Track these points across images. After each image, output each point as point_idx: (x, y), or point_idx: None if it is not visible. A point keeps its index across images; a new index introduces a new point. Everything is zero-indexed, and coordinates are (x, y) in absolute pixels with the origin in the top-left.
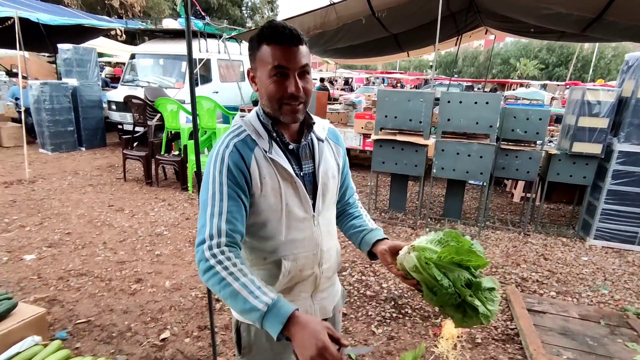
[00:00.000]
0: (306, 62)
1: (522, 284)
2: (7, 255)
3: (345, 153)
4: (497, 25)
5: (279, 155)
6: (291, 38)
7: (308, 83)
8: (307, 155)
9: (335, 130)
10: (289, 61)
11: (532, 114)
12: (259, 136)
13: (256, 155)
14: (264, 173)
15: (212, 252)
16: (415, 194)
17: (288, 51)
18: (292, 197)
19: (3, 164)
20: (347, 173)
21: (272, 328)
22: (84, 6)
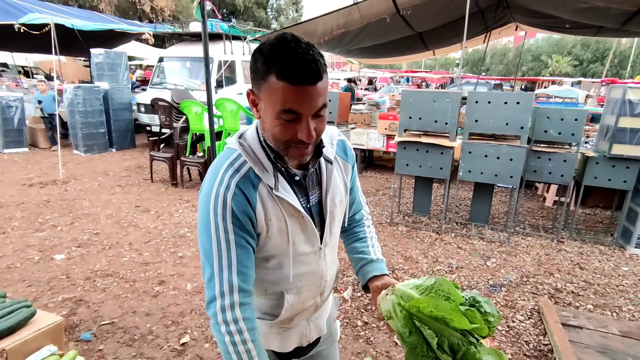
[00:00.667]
0: (324, 102)
1: (556, 295)
2: (39, 255)
3: (354, 164)
4: (528, 21)
5: (286, 190)
6: (310, 75)
7: (322, 122)
8: (313, 184)
9: (344, 141)
10: (303, 106)
11: (567, 114)
12: (262, 169)
13: (261, 193)
14: (270, 214)
15: (225, 318)
16: (440, 197)
17: (304, 93)
18: (299, 234)
19: (39, 164)
20: (355, 187)
21: None
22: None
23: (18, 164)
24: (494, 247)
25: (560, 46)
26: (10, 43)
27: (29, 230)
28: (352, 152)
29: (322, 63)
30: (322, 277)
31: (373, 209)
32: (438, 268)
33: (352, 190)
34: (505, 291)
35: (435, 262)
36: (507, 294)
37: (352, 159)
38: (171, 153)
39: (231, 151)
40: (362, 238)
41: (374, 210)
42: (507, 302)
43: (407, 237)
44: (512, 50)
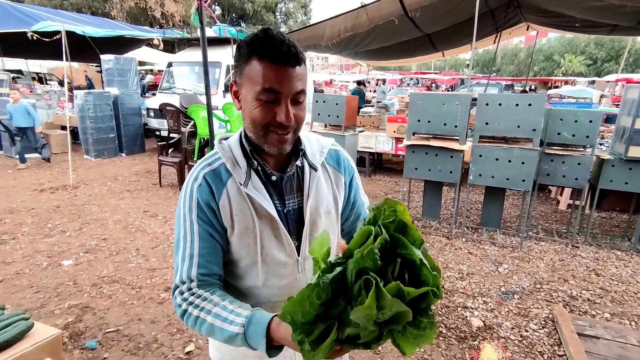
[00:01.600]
0: (302, 87)
1: (571, 303)
2: (48, 261)
3: (354, 178)
4: (540, 21)
5: (257, 189)
6: (289, 56)
7: (302, 110)
8: (292, 188)
9: (338, 151)
10: (283, 85)
11: (581, 116)
12: (234, 165)
13: (229, 188)
14: (236, 210)
15: (184, 297)
16: (451, 201)
17: (283, 72)
18: (271, 238)
19: (51, 169)
20: (358, 203)
21: (258, 345)
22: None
23: (30, 170)
24: (506, 252)
25: (573, 45)
26: (24, 50)
27: (39, 236)
28: (349, 164)
29: (302, 52)
30: None
31: None
32: (448, 274)
33: (356, 204)
34: (518, 299)
35: (445, 267)
36: (520, 301)
37: (348, 171)
38: (179, 158)
39: (213, 150)
40: None
41: None
42: (520, 310)
43: None
44: (524, 50)
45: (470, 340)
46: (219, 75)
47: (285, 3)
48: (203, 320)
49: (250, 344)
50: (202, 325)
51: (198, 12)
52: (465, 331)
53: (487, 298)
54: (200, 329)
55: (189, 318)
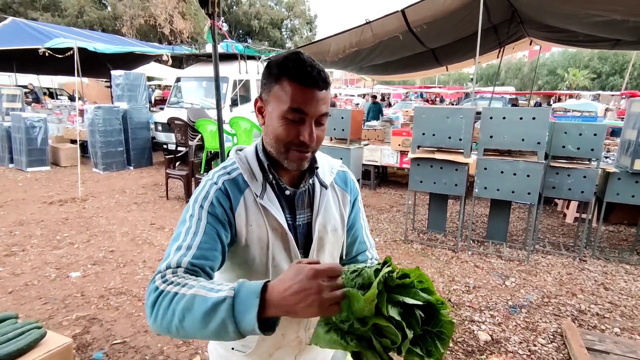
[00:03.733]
0: (327, 110)
1: (580, 317)
2: (56, 272)
3: (357, 201)
4: (543, 36)
5: (272, 201)
6: (317, 80)
7: (322, 131)
8: (304, 204)
9: (346, 173)
10: (309, 107)
11: (585, 129)
12: (252, 177)
13: (246, 198)
14: (252, 220)
15: (165, 279)
16: (456, 214)
17: (311, 95)
18: (281, 250)
19: (60, 182)
20: (357, 226)
21: (248, 312)
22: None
23: (40, 182)
24: (512, 265)
25: (577, 59)
26: (36, 66)
27: (47, 248)
28: (355, 185)
29: (328, 77)
30: None
31: (387, 226)
32: (455, 287)
33: (354, 227)
34: (526, 313)
35: (451, 281)
36: (527, 315)
37: (354, 192)
38: (186, 171)
39: (229, 161)
40: None
41: (388, 227)
42: (527, 325)
43: (422, 255)
44: (527, 65)
45: (478, 354)
46: (226, 90)
47: (291, 19)
48: (182, 296)
49: (237, 313)
50: (178, 302)
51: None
52: (472, 345)
53: (494, 312)
54: (175, 311)
55: (163, 300)
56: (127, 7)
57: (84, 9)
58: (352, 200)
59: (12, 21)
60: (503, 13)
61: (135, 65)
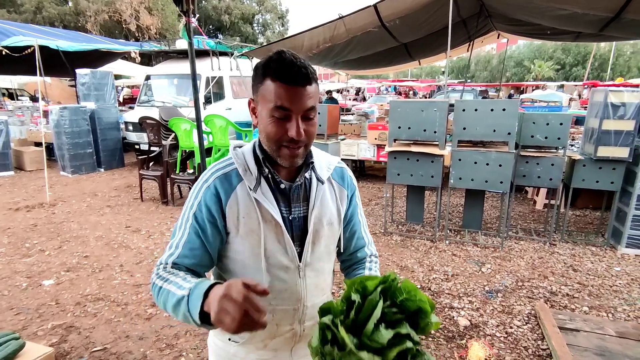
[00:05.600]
0: (312, 104)
1: (552, 298)
2: (27, 281)
3: (355, 196)
4: (510, 29)
5: (265, 194)
6: (299, 77)
7: (312, 126)
8: (299, 197)
9: (344, 169)
10: (293, 103)
11: (552, 119)
12: (246, 171)
13: (238, 192)
14: (243, 212)
15: (157, 273)
16: (433, 205)
17: (293, 92)
18: (274, 242)
19: (26, 187)
20: (355, 221)
21: (195, 309)
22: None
23: (4, 188)
24: (488, 252)
25: (542, 51)
26: None
27: (16, 256)
28: (352, 181)
29: (312, 72)
30: (299, 300)
31: (367, 219)
32: (434, 276)
33: (352, 222)
34: (502, 297)
35: (430, 270)
36: (503, 299)
37: (351, 187)
38: (161, 171)
39: (227, 157)
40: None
41: (367, 221)
42: (504, 308)
43: (402, 246)
44: (496, 57)
45: (458, 339)
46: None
47: (262, 14)
48: (163, 290)
49: (190, 306)
50: (161, 295)
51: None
52: (453, 331)
53: (472, 298)
54: (160, 301)
55: (154, 290)
56: (90, 3)
57: (43, 4)
58: (350, 195)
59: None
60: (472, 7)
61: (101, 63)
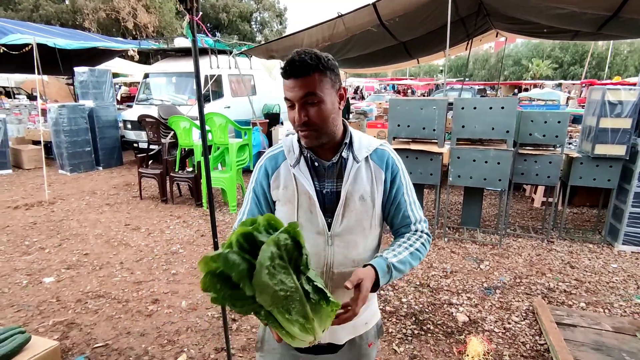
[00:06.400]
0: (309, 90)
1: (549, 294)
2: (27, 279)
3: (399, 177)
4: (508, 28)
5: (302, 170)
6: (295, 70)
7: (317, 109)
8: (332, 174)
9: (385, 151)
10: (291, 93)
11: (550, 117)
12: (290, 151)
13: (281, 168)
14: (283, 184)
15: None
16: (432, 202)
17: (292, 84)
18: (306, 211)
19: (24, 186)
20: (400, 200)
21: None
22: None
23: (2, 186)
24: (486, 250)
25: (540, 50)
26: None
27: (16, 254)
28: (394, 163)
29: (311, 64)
30: (326, 264)
31: None
32: (433, 273)
33: (396, 201)
34: (500, 293)
35: (429, 267)
36: (501, 296)
37: (393, 169)
38: (160, 169)
39: (279, 143)
40: (391, 245)
41: None
42: (502, 304)
43: None
44: (494, 56)
45: (457, 335)
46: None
47: (260, 12)
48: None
49: None
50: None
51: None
52: (451, 327)
53: (471, 294)
54: None
55: None
56: (87, 0)
57: (40, 2)
58: (391, 177)
59: None
60: (470, 6)
61: (99, 61)
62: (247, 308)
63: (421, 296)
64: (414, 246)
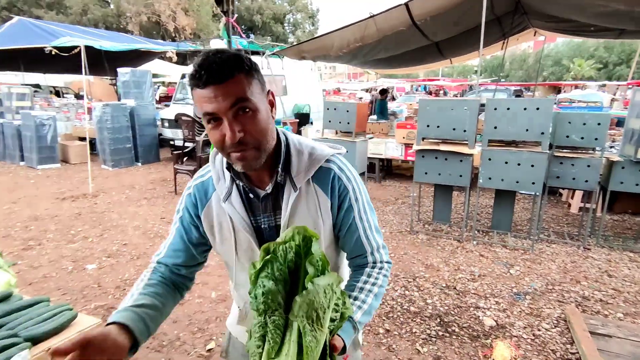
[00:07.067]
0: (239, 95)
1: (583, 303)
2: (72, 265)
3: (348, 201)
4: (547, 26)
5: (236, 204)
6: (211, 75)
7: (253, 120)
8: (268, 207)
9: (332, 170)
10: (214, 105)
11: (589, 119)
12: (220, 179)
13: (212, 202)
14: (217, 220)
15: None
16: (461, 205)
17: (210, 93)
18: (246, 250)
19: (71, 179)
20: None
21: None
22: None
23: (51, 179)
24: (517, 254)
25: (582, 49)
26: (43, 65)
27: (63, 242)
28: (343, 185)
29: (233, 64)
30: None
31: (393, 218)
32: (460, 276)
33: (346, 230)
34: (530, 299)
35: (457, 270)
36: (532, 302)
37: (338, 192)
38: (194, 166)
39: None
40: (352, 285)
41: (394, 219)
42: (532, 311)
43: (428, 245)
44: (532, 56)
45: (483, 338)
46: None
47: (293, 14)
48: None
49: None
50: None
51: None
52: (477, 330)
53: (499, 299)
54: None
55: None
56: (130, 5)
57: (88, 6)
58: (338, 202)
59: (19, 20)
60: (507, 4)
61: (140, 62)
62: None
63: (447, 298)
64: (377, 283)
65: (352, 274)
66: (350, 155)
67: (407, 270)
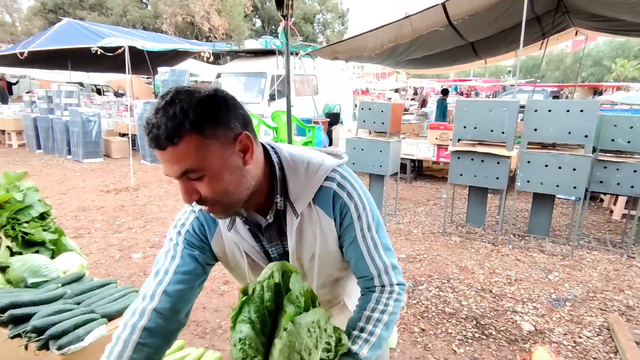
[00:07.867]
0: (184, 167)
1: (627, 312)
2: (120, 253)
3: (348, 219)
4: (590, 25)
5: (241, 232)
6: (156, 140)
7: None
8: (273, 235)
9: (330, 189)
10: (166, 167)
11: (637, 122)
12: None
13: (221, 228)
14: (227, 249)
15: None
16: (495, 208)
17: (161, 157)
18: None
19: (113, 173)
20: (351, 247)
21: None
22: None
23: (96, 172)
24: (555, 260)
25: (625, 49)
26: (88, 64)
27: (109, 232)
28: (344, 201)
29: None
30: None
31: (425, 219)
32: (496, 279)
33: (350, 251)
34: (570, 306)
35: (492, 273)
36: (572, 309)
37: (340, 211)
38: None
39: None
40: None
41: (426, 220)
42: (572, 317)
43: (461, 247)
44: (570, 56)
45: (521, 343)
46: (264, 84)
47: (323, 14)
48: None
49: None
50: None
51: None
52: (515, 334)
53: (537, 304)
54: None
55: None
56: (166, 6)
57: (128, 8)
58: (340, 220)
59: (67, 22)
60: (548, 3)
61: (175, 62)
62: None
63: (482, 301)
64: (387, 310)
65: (360, 298)
66: (383, 155)
67: (441, 272)
